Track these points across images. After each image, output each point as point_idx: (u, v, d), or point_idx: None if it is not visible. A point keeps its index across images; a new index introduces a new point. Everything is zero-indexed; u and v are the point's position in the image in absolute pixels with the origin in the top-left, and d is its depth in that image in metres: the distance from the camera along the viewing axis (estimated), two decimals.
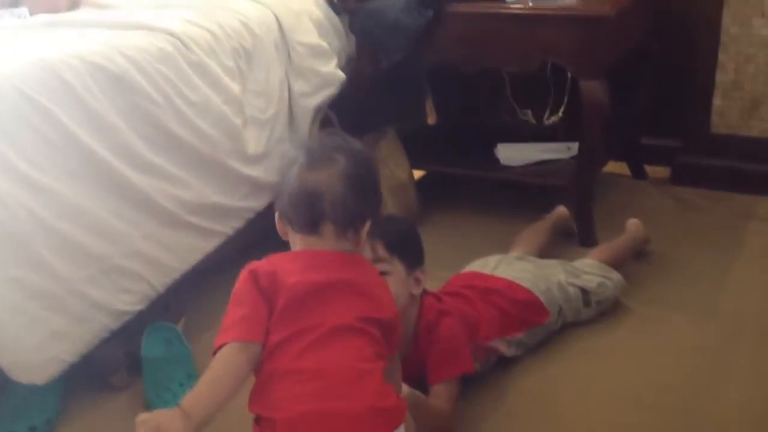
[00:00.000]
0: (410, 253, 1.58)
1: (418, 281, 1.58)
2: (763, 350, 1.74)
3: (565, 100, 2.64)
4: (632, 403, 1.61)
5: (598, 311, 1.87)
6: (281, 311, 1.18)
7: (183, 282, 1.89)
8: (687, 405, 1.58)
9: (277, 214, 1.30)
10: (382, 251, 1.52)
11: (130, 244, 1.73)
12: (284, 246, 1.32)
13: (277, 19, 2.13)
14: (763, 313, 1.88)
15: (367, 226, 1.27)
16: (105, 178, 1.67)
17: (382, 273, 1.45)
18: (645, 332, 1.84)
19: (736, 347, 1.76)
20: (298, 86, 2.18)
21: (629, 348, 1.79)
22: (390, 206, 2.30)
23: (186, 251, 1.88)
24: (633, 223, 2.14)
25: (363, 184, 1.25)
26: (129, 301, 1.74)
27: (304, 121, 2.21)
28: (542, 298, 1.75)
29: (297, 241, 1.27)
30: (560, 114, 2.69)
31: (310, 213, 1.23)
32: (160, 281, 1.81)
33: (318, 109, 2.25)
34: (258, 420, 1.17)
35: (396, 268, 1.54)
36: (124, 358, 1.74)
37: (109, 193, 1.68)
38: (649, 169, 2.68)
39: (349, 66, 2.37)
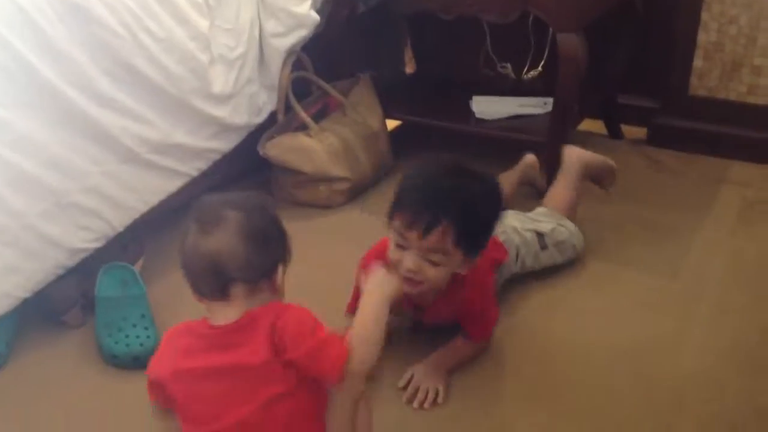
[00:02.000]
0: (477, 246, 1.46)
1: (468, 263, 1.47)
2: (722, 316, 1.74)
3: (546, 54, 2.60)
4: (582, 362, 1.60)
5: (561, 257, 1.86)
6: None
7: (143, 222, 1.85)
8: (639, 369, 1.57)
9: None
10: (448, 244, 1.40)
11: (89, 180, 1.68)
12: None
13: None
14: (726, 277, 1.88)
15: (281, 268, 1.20)
16: (63, 110, 1.61)
17: (433, 263, 1.40)
18: (602, 290, 1.83)
19: (695, 312, 1.75)
20: (270, 26, 2.12)
21: (584, 305, 1.78)
22: (360, 155, 2.27)
23: (147, 191, 1.84)
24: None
25: (264, 234, 1.17)
26: (86, 239, 1.70)
27: (275, 63, 2.16)
28: (500, 239, 1.73)
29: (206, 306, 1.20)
30: (540, 69, 2.65)
31: (217, 281, 1.15)
32: (119, 220, 1.78)
33: (290, 51, 2.19)
34: None
35: (452, 260, 1.43)
36: (79, 297, 1.71)
37: (68, 126, 1.63)
38: (626, 129, 2.66)
39: (325, 8, 2.31)
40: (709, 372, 1.56)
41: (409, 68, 2.86)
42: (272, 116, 2.22)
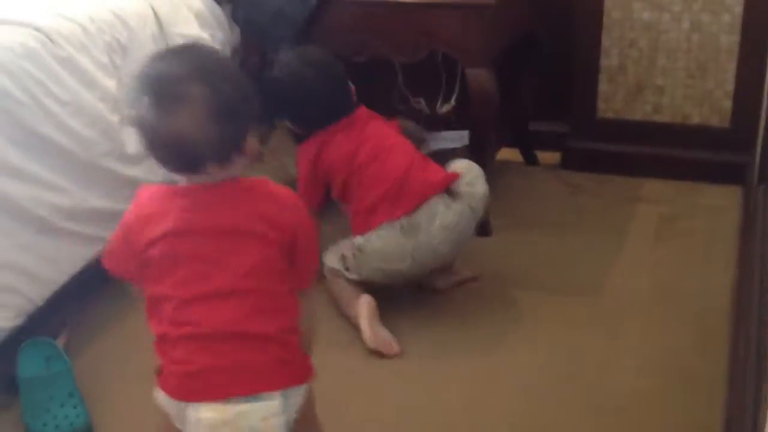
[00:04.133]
0: None
1: None
2: (651, 328, 1.78)
3: (457, 88, 2.64)
4: (524, 393, 1.60)
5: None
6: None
7: (63, 293, 1.78)
8: (581, 392, 1.60)
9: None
10: None
11: (2, 255, 1.61)
12: None
13: (154, 11, 2.03)
14: (651, 292, 1.93)
15: (251, 132, 1.11)
16: None
17: None
18: (533, 318, 1.85)
19: (624, 328, 1.79)
20: None
21: (518, 335, 1.79)
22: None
23: (65, 260, 1.77)
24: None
25: (232, 107, 1.06)
26: (3, 317, 1.62)
27: None
28: None
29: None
30: (453, 102, 2.68)
31: (186, 160, 1.07)
32: (38, 294, 1.70)
33: None
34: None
35: None
36: (0, 380, 1.63)
37: None
38: (541, 155, 2.71)
39: (235, 57, 2.29)
40: (647, 390, 1.59)
41: None
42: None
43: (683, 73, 2.44)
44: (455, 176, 1.85)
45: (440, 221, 1.79)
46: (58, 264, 1.75)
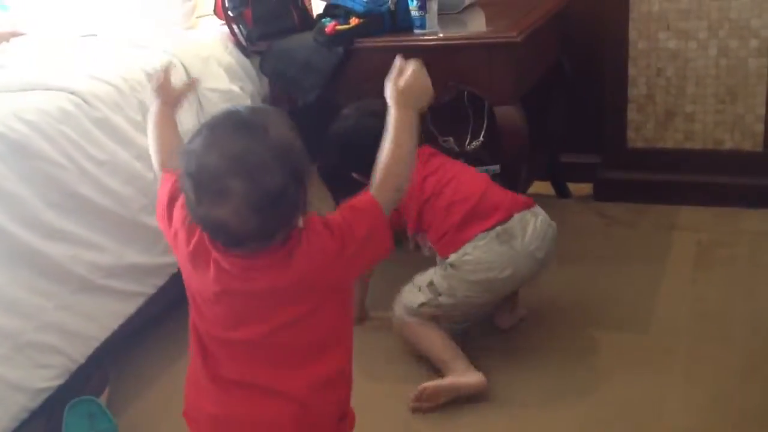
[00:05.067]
0: None
1: None
2: (698, 367, 1.75)
3: (485, 124, 2.64)
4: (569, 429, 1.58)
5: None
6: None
7: (104, 349, 1.80)
8: (631, 430, 1.57)
9: None
10: None
11: (44, 316, 1.64)
12: None
13: (184, 68, 2.07)
14: (694, 326, 1.89)
15: (299, 213, 1.06)
16: (11, 250, 1.58)
17: None
18: (578, 356, 1.82)
19: (670, 366, 1.76)
20: None
21: (564, 375, 1.77)
22: None
23: (105, 317, 1.80)
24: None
25: (274, 196, 1.01)
26: (47, 377, 1.65)
27: None
28: None
29: None
30: (481, 138, 2.69)
31: (230, 241, 1.05)
32: (80, 352, 1.72)
33: None
34: None
35: None
36: None
37: (17, 265, 1.59)
38: (573, 187, 2.70)
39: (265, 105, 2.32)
40: (695, 428, 1.56)
41: None
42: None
43: (713, 99, 2.42)
44: (531, 199, 1.88)
45: (532, 229, 1.79)
46: (99, 321, 1.78)
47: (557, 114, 2.59)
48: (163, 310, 2.04)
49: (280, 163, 1.01)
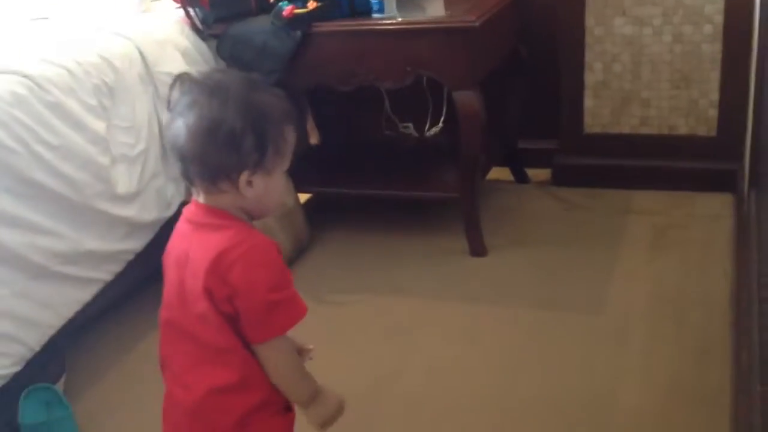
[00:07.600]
0: None
1: None
2: (655, 347, 1.78)
3: (444, 110, 2.65)
4: (529, 414, 1.60)
5: None
6: None
7: (61, 336, 1.77)
8: (587, 412, 1.59)
9: None
10: None
11: None
12: None
13: (140, 51, 2.04)
14: (650, 304, 1.93)
15: (246, 174, 1.06)
16: None
17: None
18: (535, 337, 1.85)
19: (626, 344, 1.79)
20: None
21: (521, 355, 1.79)
22: (278, 235, 2.24)
23: (61, 304, 1.77)
24: None
25: (230, 131, 1.02)
26: (3, 365, 1.62)
27: None
28: None
29: None
30: (440, 125, 2.70)
31: (180, 165, 1.08)
32: (36, 339, 1.70)
33: None
34: None
35: None
36: (4, 427, 1.61)
37: None
38: (531, 172, 2.72)
39: None
40: (654, 407, 1.59)
41: (313, 139, 2.87)
42: (183, 207, 2.17)
43: (668, 84, 2.46)
44: None
45: None
46: (55, 308, 1.75)
47: (515, 101, 2.61)
48: (120, 297, 2.02)
49: (249, 110, 1.05)
